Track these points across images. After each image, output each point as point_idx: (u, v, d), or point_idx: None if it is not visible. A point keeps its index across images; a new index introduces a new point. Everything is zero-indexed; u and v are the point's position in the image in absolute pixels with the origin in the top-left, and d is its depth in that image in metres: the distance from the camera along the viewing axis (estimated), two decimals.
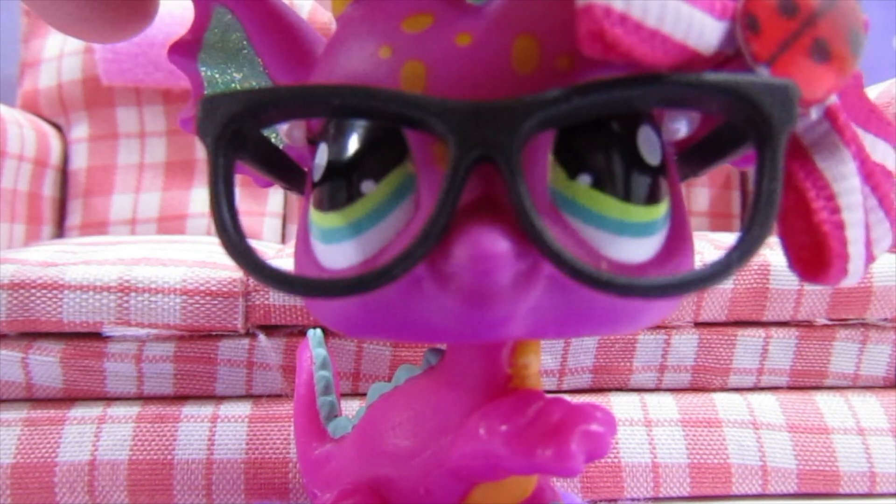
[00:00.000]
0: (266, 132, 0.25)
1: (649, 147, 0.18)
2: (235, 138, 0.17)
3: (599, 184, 0.17)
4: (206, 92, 0.26)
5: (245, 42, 0.24)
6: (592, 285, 0.15)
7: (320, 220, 0.19)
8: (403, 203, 0.18)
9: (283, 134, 0.21)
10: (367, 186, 0.18)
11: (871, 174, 0.18)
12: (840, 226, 0.17)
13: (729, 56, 0.17)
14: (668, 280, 0.16)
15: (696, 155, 0.21)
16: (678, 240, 0.19)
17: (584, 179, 0.17)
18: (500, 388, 0.23)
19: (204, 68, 0.26)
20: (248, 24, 0.24)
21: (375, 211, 0.18)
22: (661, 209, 0.18)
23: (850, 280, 0.18)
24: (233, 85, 0.26)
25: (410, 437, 0.26)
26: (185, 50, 0.26)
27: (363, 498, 0.26)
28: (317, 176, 0.19)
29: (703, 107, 0.17)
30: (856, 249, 0.17)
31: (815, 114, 0.18)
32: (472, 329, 0.17)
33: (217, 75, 0.26)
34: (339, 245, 0.18)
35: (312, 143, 0.21)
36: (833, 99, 0.18)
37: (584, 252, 0.17)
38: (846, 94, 0.19)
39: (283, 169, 0.23)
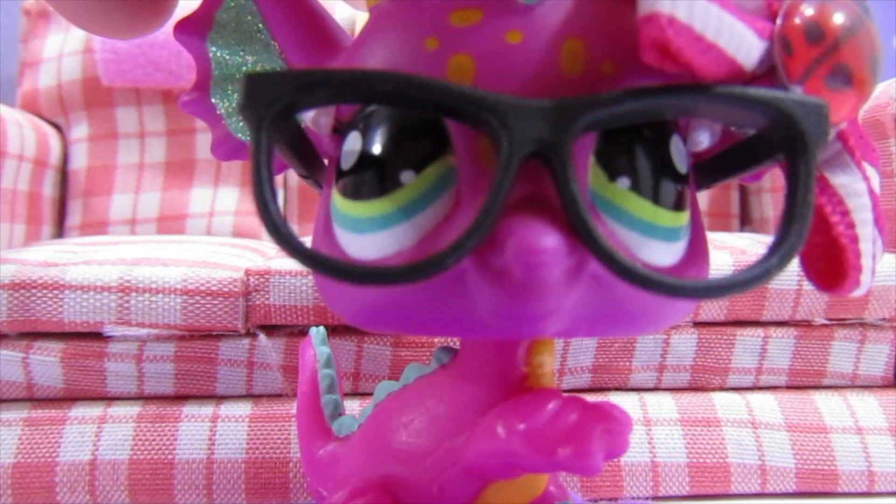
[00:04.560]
0: None
1: (679, 156, 0.19)
2: (279, 119, 0.17)
3: (636, 187, 0.18)
4: (214, 74, 0.26)
5: (260, 25, 0.24)
6: (641, 284, 0.16)
7: (349, 208, 0.19)
8: (443, 196, 0.18)
9: (308, 120, 0.21)
10: (406, 177, 0.18)
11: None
12: (855, 239, 0.18)
13: (757, 75, 0.17)
14: (713, 282, 0.16)
15: (710, 168, 0.21)
16: (697, 248, 0.20)
17: (623, 182, 0.18)
18: (515, 386, 0.23)
19: (214, 49, 0.25)
20: (265, 6, 0.23)
21: (414, 202, 0.18)
22: (686, 216, 0.19)
23: (861, 290, 0.19)
24: (244, 68, 0.25)
25: (423, 435, 0.26)
26: (194, 28, 0.25)
27: (375, 497, 0.26)
28: (347, 164, 0.19)
29: (743, 119, 0.18)
30: (867, 262, 0.18)
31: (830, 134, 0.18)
32: (514, 323, 0.17)
33: (227, 56, 0.25)
34: (372, 235, 0.18)
35: (337, 132, 0.21)
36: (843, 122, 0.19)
37: (623, 252, 0.17)
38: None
39: (305, 155, 0.22)
